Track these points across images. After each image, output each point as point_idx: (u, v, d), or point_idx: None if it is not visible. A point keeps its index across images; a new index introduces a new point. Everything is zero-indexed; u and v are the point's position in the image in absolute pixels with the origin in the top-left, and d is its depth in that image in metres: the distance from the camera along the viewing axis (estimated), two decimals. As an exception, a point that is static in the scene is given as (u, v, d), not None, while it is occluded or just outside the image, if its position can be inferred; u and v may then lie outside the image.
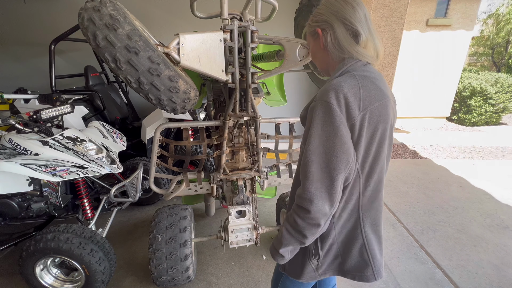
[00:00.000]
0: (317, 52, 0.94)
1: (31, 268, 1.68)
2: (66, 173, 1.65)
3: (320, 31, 0.88)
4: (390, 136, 0.89)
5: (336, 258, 0.98)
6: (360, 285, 1.98)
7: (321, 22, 0.87)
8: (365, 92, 0.80)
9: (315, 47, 0.94)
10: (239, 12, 1.51)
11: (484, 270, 2.13)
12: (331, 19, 0.85)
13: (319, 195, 0.79)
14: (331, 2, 0.86)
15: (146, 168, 2.66)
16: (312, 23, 0.91)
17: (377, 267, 0.96)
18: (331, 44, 0.87)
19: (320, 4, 0.90)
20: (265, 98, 2.14)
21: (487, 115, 6.53)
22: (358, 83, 0.80)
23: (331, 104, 0.77)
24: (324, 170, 0.79)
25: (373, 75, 0.85)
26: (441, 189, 3.41)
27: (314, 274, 0.99)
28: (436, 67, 6.30)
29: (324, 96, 0.79)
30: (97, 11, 1.03)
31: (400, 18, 3.65)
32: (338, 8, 0.84)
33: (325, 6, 0.87)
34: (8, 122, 1.68)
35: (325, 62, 0.94)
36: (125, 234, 2.53)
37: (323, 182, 0.79)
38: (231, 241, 1.70)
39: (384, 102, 0.83)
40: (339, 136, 0.78)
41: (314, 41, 0.93)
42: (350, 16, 0.83)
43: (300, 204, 0.82)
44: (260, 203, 3.00)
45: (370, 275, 0.96)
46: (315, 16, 0.90)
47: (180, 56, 1.21)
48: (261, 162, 1.78)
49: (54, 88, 2.81)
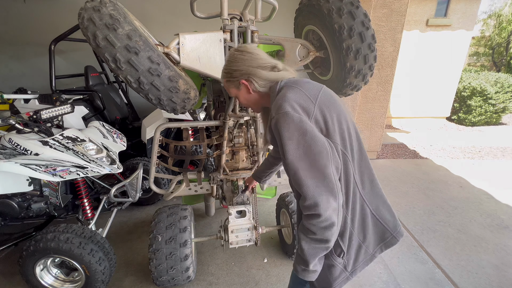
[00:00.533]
0: (248, 97, 1.04)
1: (31, 268, 1.68)
2: (66, 173, 1.65)
3: (246, 81, 0.99)
4: (351, 124, 0.96)
5: (360, 248, 0.99)
6: (360, 285, 1.98)
7: (241, 76, 0.99)
8: (305, 89, 0.91)
9: (244, 94, 1.04)
10: (239, 12, 1.51)
11: (484, 270, 2.13)
12: (249, 70, 0.97)
13: (320, 194, 0.80)
14: (240, 58, 0.98)
15: (146, 168, 2.66)
16: (232, 78, 1.01)
17: (392, 228, 1.01)
18: (260, 86, 0.99)
19: (228, 63, 1.02)
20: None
21: (487, 115, 6.52)
22: (297, 87, 0.91)
23: (287, 111, 0.84)
24: (312, 169, 0.81)
25: (299, 80, 0.97)
26: (441, 189, 3.41)
27: (345, 274, 0.99)
28: (436, 67, 6.30)
29: (279, 108, 0.86)
30: (97, 11, 1.03)
31: (400, 18, 3.65)
32: (248, 60, 0.97)
33: (237, 63, 0.98)
34: (8, 122, 1.68)
35: (258, 101, 1.05)
36: (125, 234, 2.53)
37: (317, 180, 0.81)
38: (231, 241, 1.70)
39: (323, 89, 0.95)
40: (308, 133, 0.82)
41: (241, 90, 1.03)
42: (260, 59, 0.98)
43: (309, 213, 0.83)
44: (260, 203, 3.00)
45: (392, 239, 1.01)
46: (231, 73, 1.01)
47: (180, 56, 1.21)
48: (261, 162, 1.78)
49: (54, 88, 2.81)
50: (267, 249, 2.32)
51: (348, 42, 1.40)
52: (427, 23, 6.02)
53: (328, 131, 0.88)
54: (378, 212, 1.00)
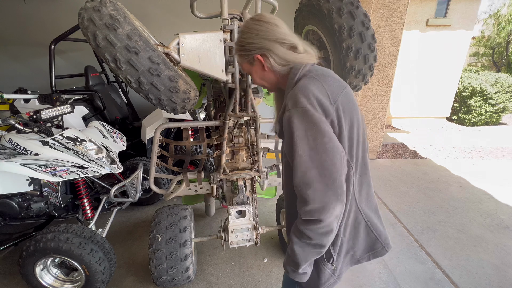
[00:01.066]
0: (262, 75, 0.95)
1: (31, 268, 1.68)
2: (66, 173, 1.65)
3: (260, 57, 0.89)
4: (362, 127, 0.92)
5: (348, 253, 0.99)
6: (360, 285, 1.98)
7: (256, 50, 0.88)
8: (328, 86, 0.83)
9: (257, 72, 0.95)
10: (239, 12, 1.51)
11: (484, 270, 2.13)
12: (265, 43, 0.87)
13: (329, 200, 0.76)
14: (255, 29, 0.87)
15: (146, 168, 2.66)
16: (245, 52, 0.91)
17: (383, 240, 1.00)
18: (276, 64, 0.89)
19: (242, 33, 0.91)
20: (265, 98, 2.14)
21: (487, 115, 6.52)
22: (319, 81, 0.83)
23: (306, 108, 0.77)
24: (325, 173, 0.76)
25: (325, 71, 0.89)
26: (441, 189, 3.41)
27: (333, 279, 0.98)
28: (436, 67, 6.30)
29: (296, 102, 0.79)
30: (97, 11, 1.03)
31: (400, 18, 3.65)
32: (266, 32, 0.86)
33: (252, 34, 0.88)
34: (8, 122, 1.68)
35: (272, 81, 0.96)
36: (125, 234, 2.53)
37: (328, 185, 0.76)
38: (231, 241, 1.70)
39: (346, 90, 0.87)
40: (326, 135, 0.77)
41: (255, 67, 0.94)
42: (280, 34, 0.87)
43: (309, 218, 0.78)
44: (260, 203, 3.00)
45: (382, 249, 1.00)
46: (245, 46, 0.90)
47: (180, 56, 1.21)
48: (261, 162, 1.78)
49: (54, 88, 2.81)
50: (267, 249, 2.32)
51: (348, 42, 1.40)
52: (427, 23, 6.02)
53: (339, 137, 0.83)
54: (372, 223, 0.99)
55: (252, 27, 0.88)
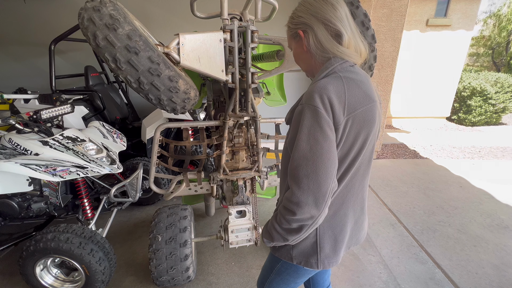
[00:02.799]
0: (300, 54, 0.92)
1: (31, 268, 1.68)
2: (66, 173, 1.65)
3: (302, 33, 0.85)
4: (372, 140, 0.89)
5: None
6: (360, 285, 1.98)
7: (301, 24, 0.85)
8: (350, 96, 0.79)
9: (297, 49, 0.92)
10: (239, 12, 1.51)
11: (484, 270, 2.13)
12: (311, 20, 0.82)
13: (306, 202, 0.78)
14: (310, 3, 0.84)
15: (146, 168, 2.66)
16: (292, 25, 0.88)
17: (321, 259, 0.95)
18: (314, 46, 0.84)
19: (298, 5, 0.87)
20: (265, 98, 2.14)
21: (487, 115, 6.52)
22: (344, 86, 0.79)
23: (317, 108, 0.76)
24: (312, 176, 0.77)
25: (359, 77, 0.84)
26: (441, 189, 3.41)
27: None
28: (436, 67, 6.30)
29: (310, 99, 0.78)
30: (97, 11, 1.03)
31: (400, 18, 3.65)
32: (318, 8, 0.82)
33: (304, 7, 0.84)
34: (8, 122, 1.68)
35: (309, 64, 0.92)
36: (125, 234, 2.53)
37: (311, 188, 0.78)
38: (231, 241, 1.70)
39: (369, 107, 0.83)
40: (327, 141, 0.77)
41: (296, 43, 0.91)
42: (330, 16, 0.81)
43: (287, 206, 0.82)
44: (260, 203, 3.00)
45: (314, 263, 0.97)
46: (294, 18, 0.87)
47: (180, 56, 1.20)
48: (261, 162, 1.78)
49: (54, 88, 2.81)
50: (267, 249, 2.32)
51: (348, 42, 1.39)
52: (427, 23, 6.02)
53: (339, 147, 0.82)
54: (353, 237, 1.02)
55: (308, 1, 0.84)
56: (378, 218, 2.80)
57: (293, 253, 0.97)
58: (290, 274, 1.06)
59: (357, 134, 0.83)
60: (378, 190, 3.36)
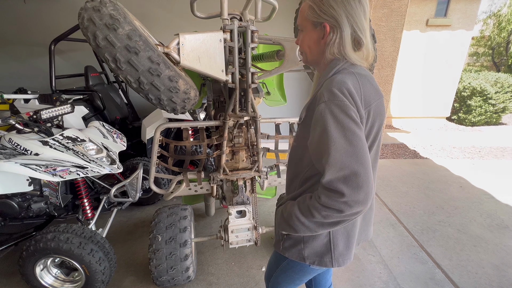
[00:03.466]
0: (312, 42, 0.86)
1: (31, 268, 1.68)
2: (66, 173, 1.65)
3: (329, 28, 0.80)
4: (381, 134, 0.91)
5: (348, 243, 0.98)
6: (360, 285, 1.98)
7: (331, 18, 0.79)
8: (364, 91, 0.80)
9: (312, 36, 0.85)
10: (239, 12, 1.51)
11: (484, 270, 2.13)
12: (342, 19, 0.78)
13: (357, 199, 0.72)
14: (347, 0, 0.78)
15: (146, 168, 2.66)
16: (319, 11, 0.80)
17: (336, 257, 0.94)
18: (334, 45, 0.81)
19: None
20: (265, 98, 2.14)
21: (487, 115, 6.52)
22: (358, 82, 0.79)
23: (343, 101, 0.74)
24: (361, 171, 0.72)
25: (367, 73, 0.86)
26: (441, 189, 3.41)
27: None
28: (436, 67, 6.30)
29: (333, 95, 0.75)
30: (97, 11, 1.03)
31: (400, 18, 3.65)
32: (353, 9, 0.78)
33: (341, 2, 0.78)
34: (8, 122, 1.68)
35: (317, 56, 0.88)
36: (125, 234, 2.53)
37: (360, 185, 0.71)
38: (231, 241, 1.70)
39: (380, 101, 0.86)
40: (362, 131, 0.75)
41: (313, 30, 0.84)
42: (360, 23, 0.79)
43: (332, 206, 0.73)
44: (260, 203, 3.00)
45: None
46: (324, 5, 0.79)
47: (180, 56, 1.21)
48: (261, 162, 1.78)
49: (54, 88, 2.81)
50: (267, 249, 2.32)
51: (348, 42, 1.39)
52: (427, 23, 6.02)
53: None
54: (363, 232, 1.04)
55: None
56: (378, 218, 2.80)
57: (305, 253, 0.94)
58: (295, 272, 1.06)
59: (371, 127, 0.83)
60: (378, 190, 3.36)
